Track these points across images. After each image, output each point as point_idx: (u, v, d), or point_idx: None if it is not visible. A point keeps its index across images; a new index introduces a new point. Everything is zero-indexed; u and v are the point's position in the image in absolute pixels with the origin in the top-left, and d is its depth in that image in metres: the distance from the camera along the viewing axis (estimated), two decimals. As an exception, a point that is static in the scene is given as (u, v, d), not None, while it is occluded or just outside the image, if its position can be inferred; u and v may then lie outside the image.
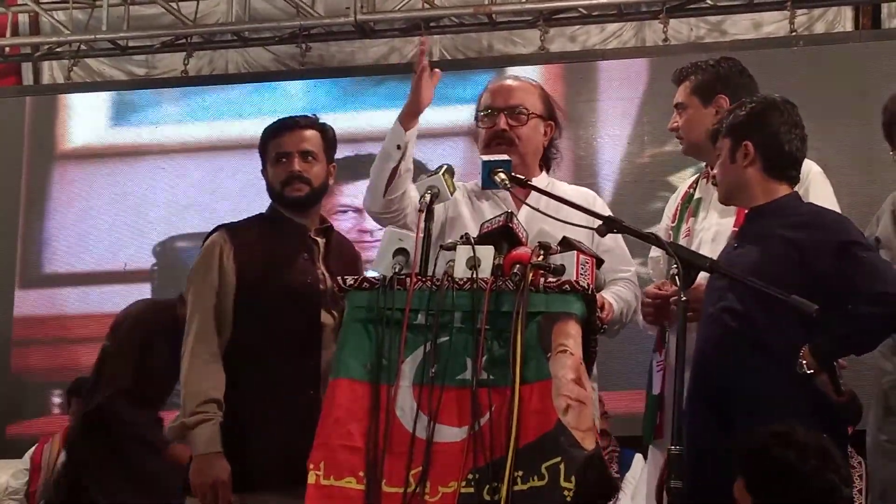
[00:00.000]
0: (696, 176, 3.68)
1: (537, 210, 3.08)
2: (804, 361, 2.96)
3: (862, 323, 2.99)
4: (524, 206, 3.20)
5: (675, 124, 3.61)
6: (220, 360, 3.33)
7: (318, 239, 3.50)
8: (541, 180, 3.38)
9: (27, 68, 7.66)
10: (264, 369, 3.33)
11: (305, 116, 3.60)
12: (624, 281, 3.34)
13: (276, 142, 3.51)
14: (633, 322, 3.44)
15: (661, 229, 3.62)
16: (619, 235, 3.04)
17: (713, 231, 3.43)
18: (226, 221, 3.56)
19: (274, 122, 3.59)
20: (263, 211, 3.60)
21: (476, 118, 3.45)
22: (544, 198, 3.13)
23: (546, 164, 3.48)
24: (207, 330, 3.34)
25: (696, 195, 3.57)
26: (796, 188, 3.23)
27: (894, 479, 3.29)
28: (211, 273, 3.39)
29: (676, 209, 3.61)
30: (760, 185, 3.15)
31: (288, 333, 3.34)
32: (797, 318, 2.89)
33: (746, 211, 3.23)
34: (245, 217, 3.65)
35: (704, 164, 3.62)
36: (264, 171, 3.55)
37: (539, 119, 3.41)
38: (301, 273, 3.42)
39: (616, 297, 3.26)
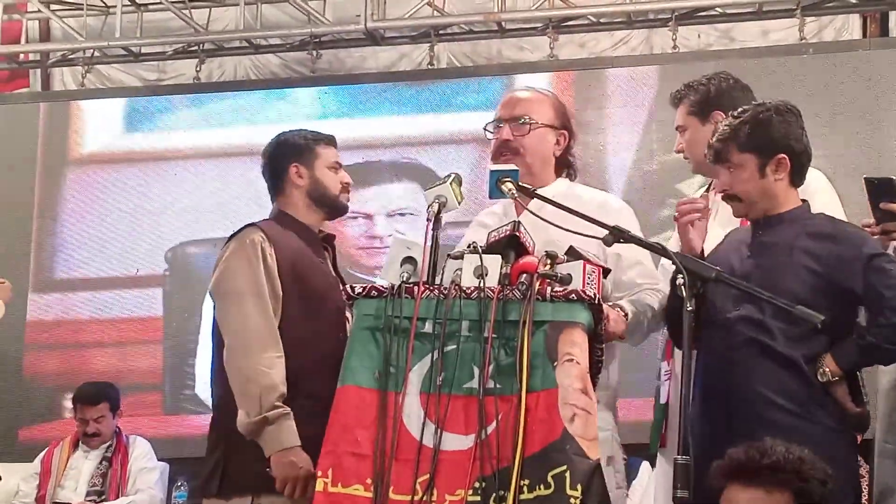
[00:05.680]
0: (704, 188, 3.68)
1: (541, 218, 3.05)
2: (827, 369, 2.97)
3: None
4: (526, 213, 3.16)
5: (680, 146, 3.62)
6: (282, 352, 3.29)
7: (328, 246, 3.57)
8: (556, 186, 3.38)
9: (35, 75, 7.68)
10: (302, 368, 3.30)
11: None
12: (651, 290, 3.30)
13: (330, 150, 3.60)
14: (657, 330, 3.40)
15: (673, 240, 3.62)
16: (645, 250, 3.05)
17: None
18: (236, 227, 3.53)
19: (313, 132, 3.65)
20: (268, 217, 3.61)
21: (487, 129, 3.47)
22: (549, 206, 3.10)
23: (568, 170, 3.48)
24: (269, 320, 3.30)
25: None
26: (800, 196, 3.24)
27: (889, 479, 3.27)
28: (259, 266, 3.34)
29: None
30: (785, 194, 3.14)
31: (324, 332, 3.34)
32: (816, 328, 2.87)
33: (753, 221, 3.21)
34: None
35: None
36: (298, 174, 3.55)
37: (549, 129, 3.41)
38: (326, 275, 3.47)
39: (633, 302, 3.23)
